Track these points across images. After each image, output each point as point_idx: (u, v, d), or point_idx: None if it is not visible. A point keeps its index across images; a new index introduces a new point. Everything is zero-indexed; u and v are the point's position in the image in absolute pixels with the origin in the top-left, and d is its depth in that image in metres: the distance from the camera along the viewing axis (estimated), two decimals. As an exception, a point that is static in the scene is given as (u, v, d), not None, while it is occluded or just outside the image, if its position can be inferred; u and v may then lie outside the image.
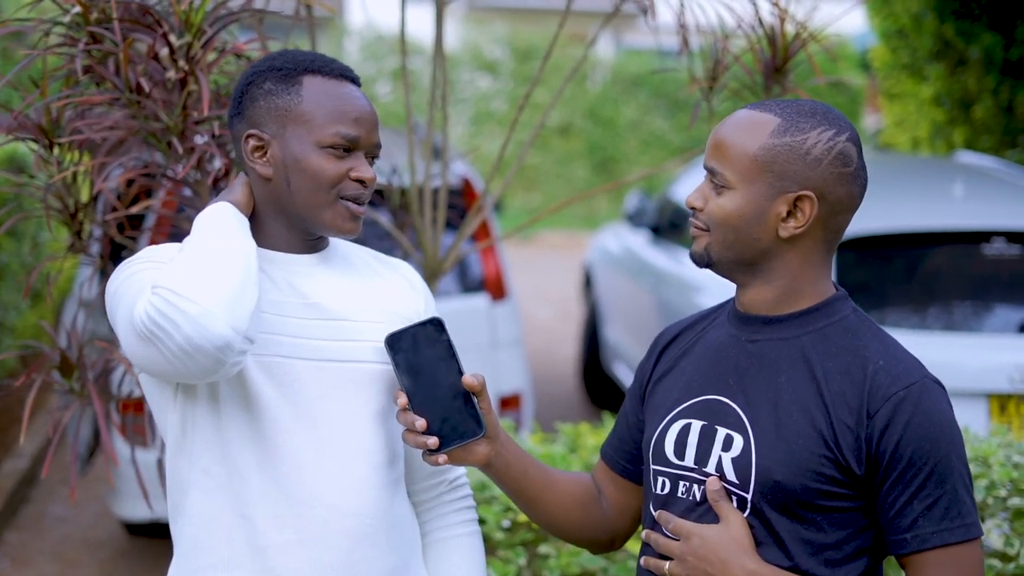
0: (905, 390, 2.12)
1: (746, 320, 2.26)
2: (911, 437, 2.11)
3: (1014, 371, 5.15)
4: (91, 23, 2.97)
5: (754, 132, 2.17)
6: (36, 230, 8.66)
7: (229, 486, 2.28)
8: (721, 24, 3.80)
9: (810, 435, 2.13)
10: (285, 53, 2.37)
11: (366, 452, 2.32)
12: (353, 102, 2.31)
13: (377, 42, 19.78)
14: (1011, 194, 6.26)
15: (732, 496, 2.18)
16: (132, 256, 2.28)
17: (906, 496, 2.12)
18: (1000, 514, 3.67)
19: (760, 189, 2.16)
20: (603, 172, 20.18)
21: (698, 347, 2.34)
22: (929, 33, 11.38)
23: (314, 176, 2.27)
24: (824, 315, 2.22)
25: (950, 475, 2.13)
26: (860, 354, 2.16)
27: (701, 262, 2.24)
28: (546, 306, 12.88)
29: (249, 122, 2.32)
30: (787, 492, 2.14)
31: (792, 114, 2.18)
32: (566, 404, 9.04)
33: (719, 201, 2.19)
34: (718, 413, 2.23)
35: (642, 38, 22.31)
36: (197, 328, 2.07)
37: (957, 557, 2.12)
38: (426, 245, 3.93)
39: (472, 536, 2.53)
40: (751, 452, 2.17)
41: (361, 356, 2.33)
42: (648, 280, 7.59)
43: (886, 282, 5.69)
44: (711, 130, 2.27)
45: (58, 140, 3.08)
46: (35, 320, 8.63)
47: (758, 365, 2.22)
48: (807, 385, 2.16)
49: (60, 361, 3.18)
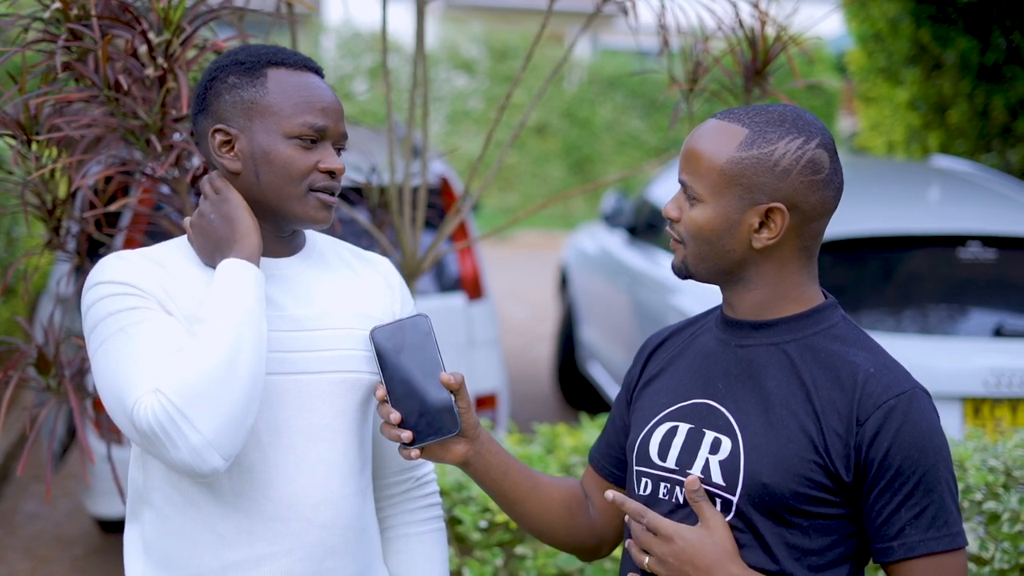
0: (896, 399, 2.12)
1: (735, 325, 2.25)
2: (901, 445, 2.11)
3: (988, 374, 5.17)
4: (71, 19, 2.95)
5: (722, 144, 2.16)
6: (12, 226, 8.63)
7: (199, 503, 2.26)
8: (701, 26, 3.80)
9: (800, 440, 2.13)
10: (246, 48, 2.35)
11: (339, 463, 2.31)
12: (319, 92, 2.30)
13: (354, 39, 19.75)
14: (986, 198, 6.29)
15: (716, 499, 2.18)
16: (107, 272, 2.21)
17: (894, 504, 2.12)
18: (975, 518, 3.69)
19: (730, 202, 2.16)
20: (579, 172, 20.20)
21: (687, 352, 2.34)
22: (905, 37, 11.43)
23: (283, 167, 2.26)
24: (813, 322, 2.22)
25: (938, 484, 2.13)
26: (850, 362, 2.16)
27: (681, 274, 2.25)
28: (522, 306, 12.88)
29: (215, 117, 2.30)
30: (775, 496, 2.13)
31: (760, 124, 2.17)
32: (542, 404, 9.04)
33: (692, 214, 2.19)
34: (706, 417, 2.23)
35: (619, 38, 22.35)
36: (194, 456, 2.09)
37: (942, 566, 2.12)
38: (405, 244, 3.93)
39: (436, 533, 2.53)
40: (740, 455, 2.16)
41: (337, 366, 2.32)
42: (624, 280, 7.60)
43: (861, 285, 5.70)
44: (689, 133, 2.27)
45: (36, 136, 3.07)
46: (11, 316, 8.59)
47: (747, 370, 2.22)
48: (797, 391, 2.16)
49: (36, 358, 3.17)
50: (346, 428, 2.33)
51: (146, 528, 2.31)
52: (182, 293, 2.24)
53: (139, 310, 2.18)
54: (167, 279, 2.24)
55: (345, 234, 2.83)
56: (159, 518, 2.30)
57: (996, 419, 5.17)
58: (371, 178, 4.17)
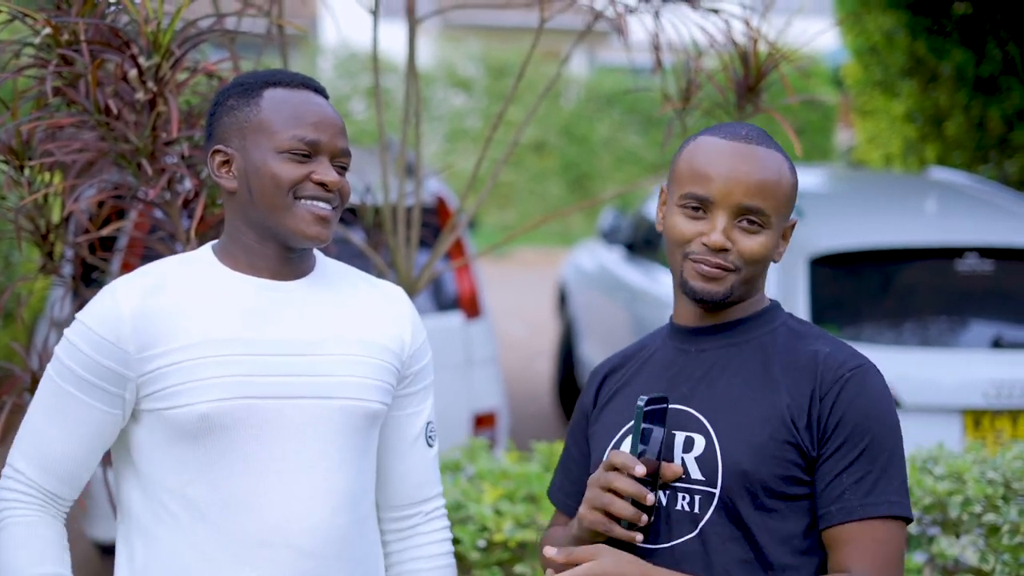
0: (852, 371, 2.19)
1: (695, 332, 2.30)
2: (853, 414, 2.16)
3: (988, 386, 5.16)
4: (61, 44, 2.95)
5: (784, 170, 2.24)
6: (8, 251, 8.62)
7: (188, 526, 2.26)
8: (694, 43, 3.80)
9: (772, 423, 2.18)
10: (252, 72, 2.37)
11: (332, 492, 2.29)
12: (311, 107, 2.30)
13: (350, 60, 19.76)
14: (983, 210, 6.29)
15: (697, 495, 2.19)
16: (90, 315, 2.28)
17: (838, 469, 2.16)
18: (975, 530, 3.67)
19: (781, 223, 2.25)
20: (577, 189, 20.19)
21: (644, 369, 2.36)
22: (901, 50, 11.45)
23: (272, 179, 2.25)
24: (767, 320, 2.30)
25: (883, 453, 2.16)
26: (808, 349, 2.23)
27: (722, 300, 2.25)
28: (521, 323, 12.87)
29: (216, 139, 2.33)
30: (754, 481, 2.16)
31: (775, 145, 2.25)
32: (541, 422, 9.03)
33: (757, 240, 2.22)
34: (675, 420, 2.24)
35: (615, 55, 22.33)
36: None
37: (878, 532, 2.13)
38: (400, 264, 3.92)
39: (446, 569, 2.51)
40: (715, 448, 2.19)
41: (335, 392, 2.30)
42: (623, 297, 7.59)
43: (860, 298, 5.70)
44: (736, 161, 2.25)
45: (29, 162, 3.07)
46: (7, 341, 8.58)
47: (712, 371, 2.26)
48: (763, 380, 2.21)
49: (32, 383, 3.16)
50: (344, 456, 2.31)
51: (135, 550, 2.31)
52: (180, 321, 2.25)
53: (79, 381, 2.27)
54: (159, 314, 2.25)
55: (340, 254, 2.82)
56: (148, 540, 2.29)
57: (997, 431, 5.16)
58: (365, 198, 4.16)
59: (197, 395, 2.22)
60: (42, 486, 2.30)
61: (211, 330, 2.25)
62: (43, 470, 2.29)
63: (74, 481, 2.32)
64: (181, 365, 2.23)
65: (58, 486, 2.31)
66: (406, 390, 2.45)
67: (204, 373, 2.22)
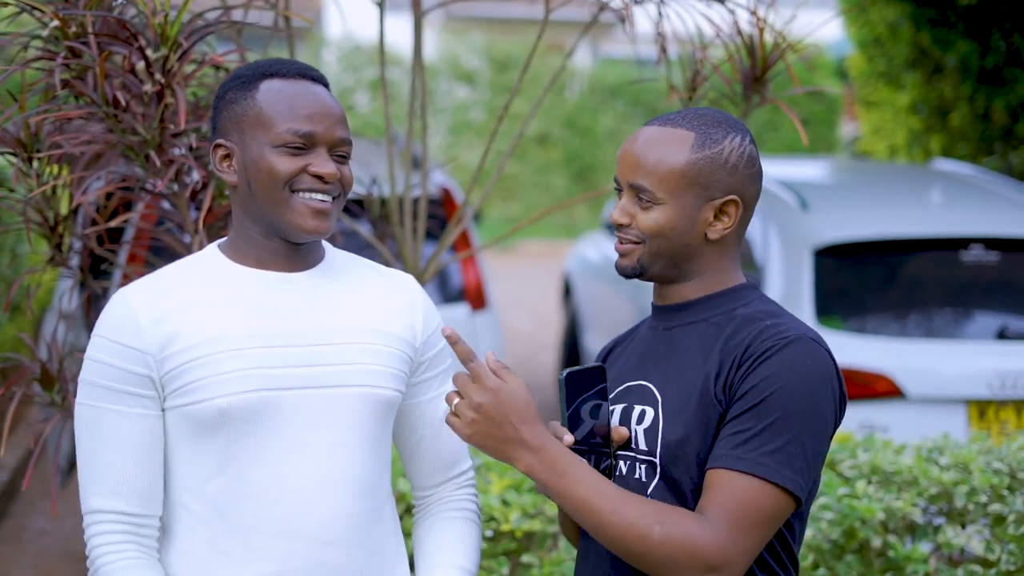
0: (779, 341, 2.20)
1: (664, 310, 2.39)
2: (766, 383, 2.17)
3: (993, 377, 5.17)
4: (69, 37, 2.96)
5: (675, 148, 2.30)
6: (15, 243, 8.64)
7: (205, 521, 2.26)
8: (700, 34, 3.81)
9: (704, 392, 2.23)
10: (251, 64, 2.36)
11: (348, 481, 2.29)
12: (307, 99, 2.29)
13: (355, 53, 19.75)
14: (988, 201, 6.29)
15: (644, 463, 2.27)
16: (105, 326, 2.27)
17: (728, 425, 2.19)
18: (981, 520, 3.69)
19: (689, 200, 2.30)
20: (581, 181, 20.19)
21: (629, 347, 2.47)
22: (905, 41, 11.43)
23: (268, 173, 2.25)
24: (729, 300, 2.33)
25: (781, 420, 2.16)
26: (759, 324, 2.26)
27: (633, 273, 2.38)
28: (526, 315, 12.88)
29: (218, 133, 2.33)
30: (687, 451, 2.22)
31: (703, 126, 2.31)
32: (547, 413, 9.04)
33: (651, 216, 2.32)
34: (636, 394, 2.34)
35: (619, 47, 22.35)
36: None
37: (737, 487, 2.14)
38: (406, 255, 3.93)
39: (471, 521, 2.51)
40: (659, 420, 2.27)
41: (349, 380, 2.30)
42: (627, 288, 7.59)
43: (864, 289, 5.71)
44: (627, 141, 2.38)
45: (37, 154, 3.08)
46: (15, 332, 8.60)
47: (673, 347, 2.34)
48: (709, 356, 2.27)
49: (41, 373, 3.18)
50: (359, 444, 2.31)
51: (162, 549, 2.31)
52: (193, 318, 2.26)
53: (114, 396, 2.24)
54: (172, 314, 2.26)
55: (347, 246, 2.82)
56: (163, 536, 2.30)
57: (1001, 421, 5.17)
58: (372, 190, 4.17)
59: (214, 390, 2.22)
60: (125, 512, 2.25)
61: (223, 325, 2.25)
62: (118, 496, 2.25)
63: (151, 492, 2.27)
64: (196, 362, 2.23)
65: (139, 504, 2.26)
66: (423, 376, 2.46)
67: (219, 368, 2.23)
